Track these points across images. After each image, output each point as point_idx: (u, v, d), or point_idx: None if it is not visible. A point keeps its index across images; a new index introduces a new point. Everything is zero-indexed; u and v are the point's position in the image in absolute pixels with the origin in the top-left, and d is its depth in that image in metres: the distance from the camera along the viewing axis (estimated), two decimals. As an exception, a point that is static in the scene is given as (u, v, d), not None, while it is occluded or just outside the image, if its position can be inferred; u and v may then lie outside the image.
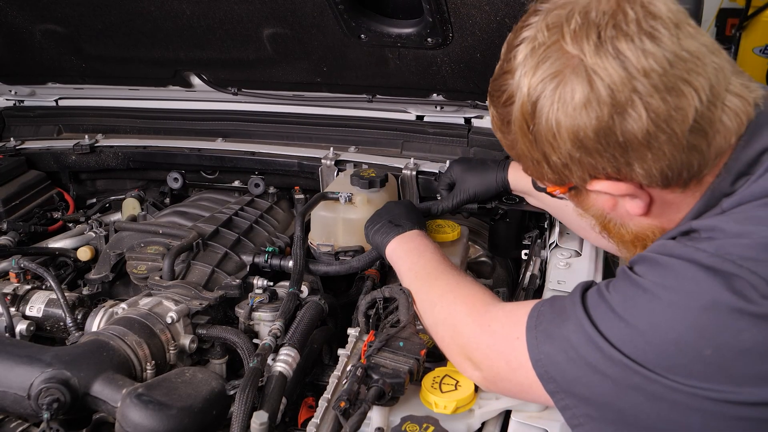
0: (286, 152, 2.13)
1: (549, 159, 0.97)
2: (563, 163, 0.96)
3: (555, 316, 0.99)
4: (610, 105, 0.88)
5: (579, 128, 0.90)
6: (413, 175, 1.94)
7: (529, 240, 1.69)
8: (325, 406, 1.13)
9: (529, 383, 0.99)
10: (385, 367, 1.13)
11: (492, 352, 1.05)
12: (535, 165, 1.02)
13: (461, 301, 1.16)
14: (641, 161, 0.91)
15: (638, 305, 0.90)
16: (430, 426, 1.03)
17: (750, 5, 4.17)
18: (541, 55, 0.92)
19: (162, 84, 2.18)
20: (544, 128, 0.94)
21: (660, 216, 1.02)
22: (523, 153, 1.02)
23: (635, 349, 0.88)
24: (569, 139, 0.92)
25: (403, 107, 2.09)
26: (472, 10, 1.51)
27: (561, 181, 1.02)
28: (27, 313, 1.50)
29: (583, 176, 0.97)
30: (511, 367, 1.02)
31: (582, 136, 0.91)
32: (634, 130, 0.88)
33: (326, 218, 1.60)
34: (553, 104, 0.91)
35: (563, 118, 0.91)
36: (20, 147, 2.29)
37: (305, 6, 1.65)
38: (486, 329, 1.08)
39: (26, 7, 1.87)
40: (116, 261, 1.67)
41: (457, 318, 1.13)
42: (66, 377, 1.11)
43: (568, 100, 0.90)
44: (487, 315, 1.10)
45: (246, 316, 1.43)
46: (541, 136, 0.95)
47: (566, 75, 0.90)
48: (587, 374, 0.92)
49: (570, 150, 0.93)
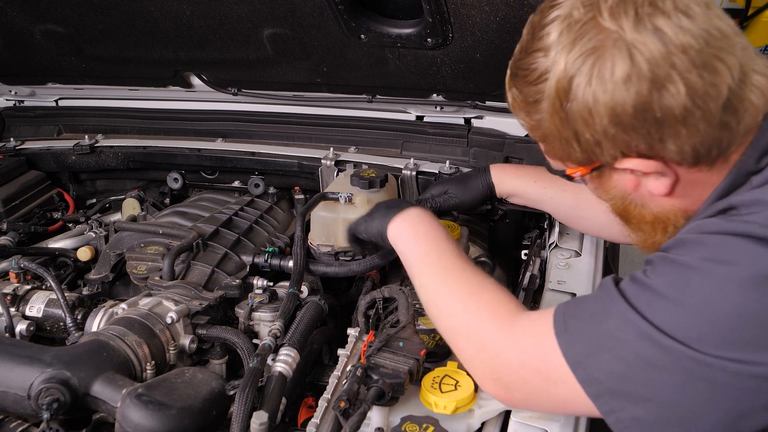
0: (286, 152, 2.13)
1: (580, 137, 0.96)
2: (596, 141, 0.95)
3: (589, 315, 0.94)
4: (649, 80, 0.88)
5: (617, 104, 0.90)
6: (413, 176, 1.94)
7: (529, 240, 1.69)
8: (325, 406, 1.14)
9: (573, 396, 0.92)
10: (384, 368, 1.13)
11: (525, 371, 0.97)
12: (563, 144, 1.00)
13: (486, 309, 1.06)
14: (675, 138, 0.91)
15: (691, 285, 0.86)
16: (430, 426, 1.03)
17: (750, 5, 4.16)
18: (578, 32, 0.91)
19: (162, 84, 2.18)
20: (580, 104, 0.92)
21: (683, 196, 1.01)
22: (551, 132, 1.00)
23: (693, 332, 0.83)
24: (606, 115, 0.91)
25: (403, 107, 2.09)
26: (472, 10, 1.51)
27: (588, 160, 1.00)
28: (27, 313, 1.50)
29: (615, 154, 0.96)
30: (551, 382, 0.94)
31: (620, 112, 0.90)
32: (671, 105, 0.88)
33: (326, 218, 1.60)
34: (592, 80, 0.90)
35: (602, 93, 0.90)
36: (20, 147, 2.29)
37: (305, 6, 1.65)
38: (514, 344, 1.00)
39: (26, 7, 1.87)
40: (116, 261, 1.67)
41: (484, 330, 1.04)
42: (66, 377, 1.11)
43: (608, 76, 0.89)
44: (513, 327, 1.02)
45: (246, 317, 1.43)
46: (576, 113, 0.94)
47: (605, 50, 0.89)
48: (637, 371, 0.86)
49: (606, 126, 0.92)
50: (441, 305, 1.13)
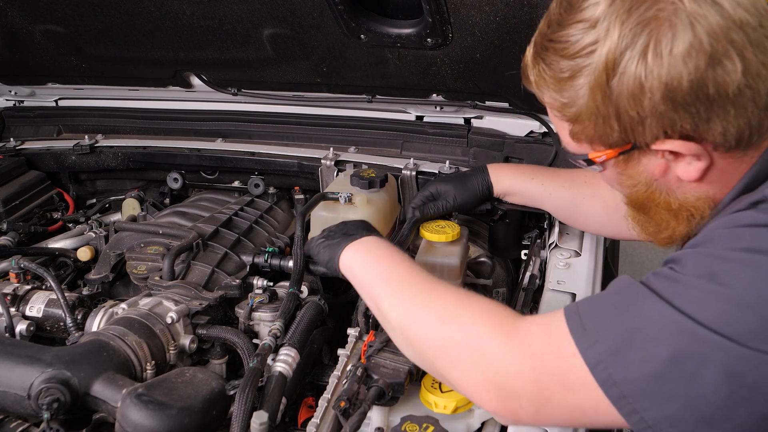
0: (286, 152, 2.13)
1: (623, 115, 0.90)
2: (640, 119, 0.90)
3: (611, 312, 0.87)
4: (709, 54, 0.84)
5: (674, 78, 0.85)
6: (413, 176, 1.94)
7: (529, 240, 1.69)
8: (325, 406, 1.14)
9: (595, 402, 0.85)
10: (385, 367, 1.13)
11: (540, 377, 0.88)
12: (599, 123, 0.94)
13: (482, 317, 0.96)
14: (723, 118, 0.87)
15: (732, 275, 0.81)
16: (430, 426, 1.03)
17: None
18: (632, 2, 0.86)
19: (162, 84, 2.18)
20: (631, 79, 0.87)
21: (714, 182, 0.96)
22: (587, 110, 0.93)
23: (737, 325, 0.78)
24: (659, 90, 0.86)
25: (403, 107, 2.09)
26: (471, 10, 1.51)
27: (623, 141, 0.94)
28: (27, 314, 1.50)
29: (657, 133, 0.91)
30: (570, 390, 0.87)
31: (675, 87, 0.85)
32: (726, 83, 0.85)
33: (326, 218, 1.60)
34: (648, 52, 0.85)
35: (657, 68, 0.85)
36: (20, 147, 2.29)
37: (305, 6, 1.65)
38: (526, 351, 0.90)
39: (26, 7, 1.87)
40: (116, 261, 1.67)
41: (484, 339, 0.94)
42: (66, 377, 1.11)
43: (667, 49, 0.84)
44: (519, 334, 0.92)
45: (246, 316, 1.43)
46: (624, 88, 0.88)
47: (664, 21, 0.85)
48: (674, 369, 0.80)
49: (656, 103, 0.87)
50: (423, 320, 1.01)
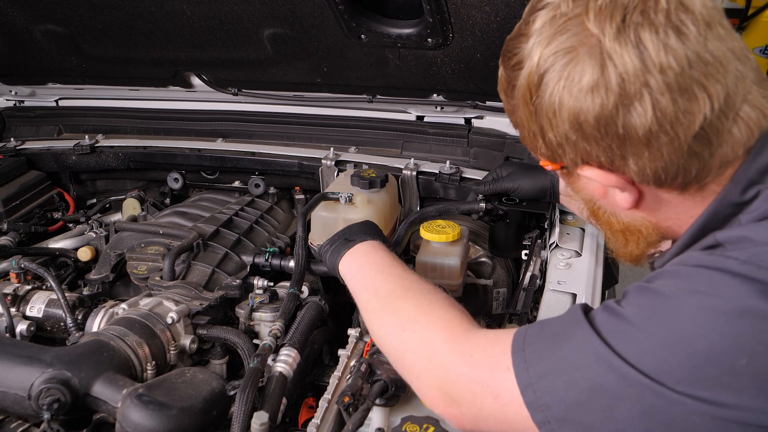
0: (286, 152, 2.13)
1: (545, 135, 0.93)
2: (558, 142, 0.93)
3: (550, 337, 0.90)
4: (617, 95, 0.83)
5: (580, 111, 0.86)
6: (413, 176, 1.94)
7: (529, 240, 1.69)
8: (326, 406, 1.14)
9: (521, 418, 0.88)
10: (388, 364, 1.13)
11: (476, 386, 0.93)
12: (531, 137, 0.98)
13: (437, 325, 1.03)
14: (637, 157, 0.88)
15: (662, 313, 0.82)
16: (430, 426, 1.03)
17: (750, 5, 4.15)
18: (559, 27, 0.87)
19: (162, 84, 2.18)
20: (547, 103, 0.89)
21: (654, 211, 0.98)
22: (522, 122, 0.98)
23: (657, 364, 0.79)
24: (568, 120, 0.88)
25: (403, 107, 2.09)
26: (472, 10, 1.51)
27: (553, 158, 0.98)
28: (27, 314, 1.50)
29: (575, 159, 0.93)
30: (500, 402, 0.90)
31: (582, 120, 0.87)
32: (636, 125, 0.84)
33: (326, 218, 1.60)
34: (560, 81, 0.87)
35: (567, 97, 0.87)
36: (20, 147, 2.29)
37: (305, 6, 1.65)
38: (468, 359, 0.95)
39: (26, 7, 1.87)
40: (116, 261, 1.67)
41: (435, 345, 1.00)
42: (66, 377, 1.11)
43: (576, 81, 0.85)
44: (468, 343, 0.97)
45: (246, 317, 1.43)
46: (542, 110, 0.91)
47: (580, 53, 0.85)
48: (592, 399, 0.82)
49: (567, 131, 0.90)
50: (388, 325, 1.09)
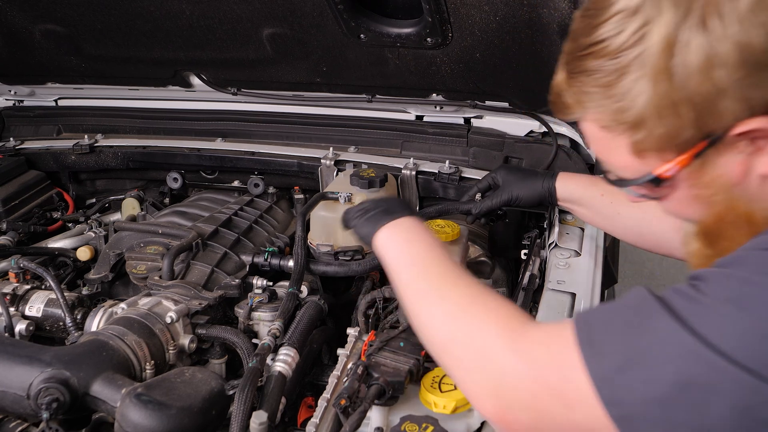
0: (286, 152, 2.13)
1: (694, 97, 0.80)
2: (717, 94, 0.79)
3: (622, 326, 0.80)
4: None
5: (745, 39, 0.76)
6: (413, 175, 1.94)
7: (529, 240, 1.69)
8: (325, 405, 1.14)
9: (593, 421, 0.79)
10: (385, 366, 1.14)
11: (536, 386, 0.83)
12: (669, 117, 0.82)
13: (491, 316, 0.91)
14: None
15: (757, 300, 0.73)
16: (430, 426, 1.03)
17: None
18: None
19: (162, 84, 2.18)
20: (695, 52, 0.78)
21: None
22: (651, 106, 0.82)
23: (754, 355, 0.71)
24: (734, 53, 0.76)
25: (403, 107, 2.09)
26: (471, 10, 1.51)
27: (698, 136, 0.83)
28: (26, 313, 1.50)
29: (738, 113, 0.80)
30: (566, 402, 0.81)
31: (749, 47, 0.76)
32: None
33: (326, 218, 1.60)
34: (707, 19, 0.77)
35: (722, 30, 0.76)
36: (20, 147, 2.29)
37: (305, 6, 1.65)
38: (527, 356, 0.85)
39: (26, 7, 1.87)
40: (116, 261, 1.67)
41: (488, 340, 0.89)
42: (65, 377, 1.11)
43: (729, 8, 0.76)
44: (525, 337, 0.87)
45: (245, 316, 1.43)
46: (690, 63, 0.78)
47: None
48: (679, 394, 0.74)
49: (730, 71, 0.77)
50: (435, 311, 0.98)
